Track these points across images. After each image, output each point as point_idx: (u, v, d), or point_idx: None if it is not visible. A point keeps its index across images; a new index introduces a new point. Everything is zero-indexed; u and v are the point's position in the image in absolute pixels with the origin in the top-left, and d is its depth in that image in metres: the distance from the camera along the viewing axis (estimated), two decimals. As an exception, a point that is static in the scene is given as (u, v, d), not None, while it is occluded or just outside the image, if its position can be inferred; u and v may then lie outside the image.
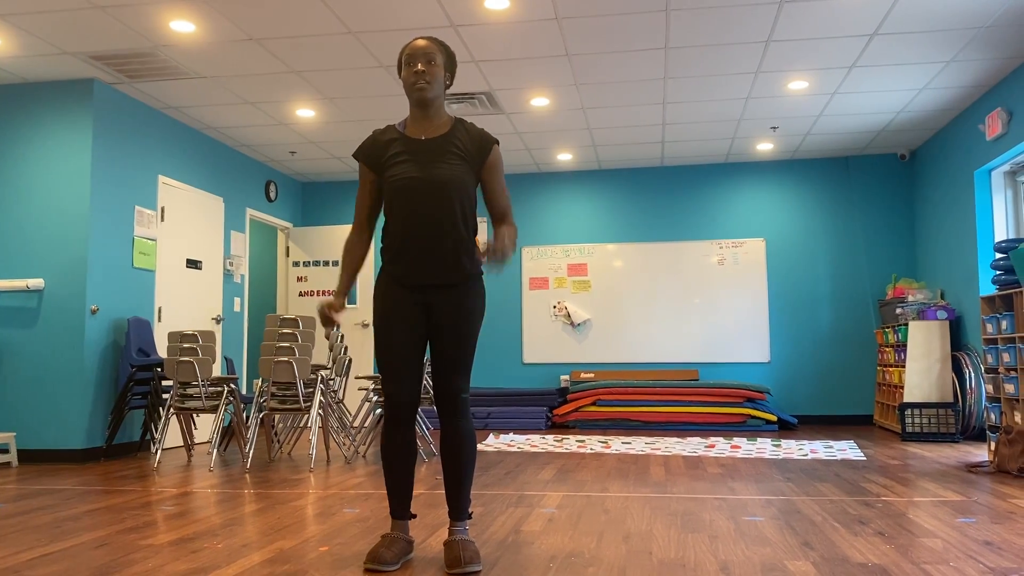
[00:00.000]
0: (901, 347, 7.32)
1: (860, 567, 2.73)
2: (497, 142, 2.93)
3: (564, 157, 8.44)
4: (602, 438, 7.04)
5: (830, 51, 5.66)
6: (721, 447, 6.26)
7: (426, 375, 3.70)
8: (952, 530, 3.30)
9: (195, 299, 7.27)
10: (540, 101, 6.66)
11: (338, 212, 9.39)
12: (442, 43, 2.92)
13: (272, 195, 8.73)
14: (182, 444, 6.67)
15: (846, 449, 6.06)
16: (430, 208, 2.78)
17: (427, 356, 6.08)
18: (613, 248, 8.88)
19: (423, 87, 2.83)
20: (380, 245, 2.64)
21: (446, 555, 2.77)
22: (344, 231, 8.96)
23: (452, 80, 2.97)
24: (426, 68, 2.83)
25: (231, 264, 7.80)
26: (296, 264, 9.06)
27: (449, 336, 2.83)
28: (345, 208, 9.37)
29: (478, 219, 2.44)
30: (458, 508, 2.86)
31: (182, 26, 5.15)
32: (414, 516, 2.95)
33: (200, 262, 7.35)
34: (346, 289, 2.94)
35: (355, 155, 2.97)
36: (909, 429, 6.74)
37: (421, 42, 2.86)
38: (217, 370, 7.30)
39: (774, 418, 7.70)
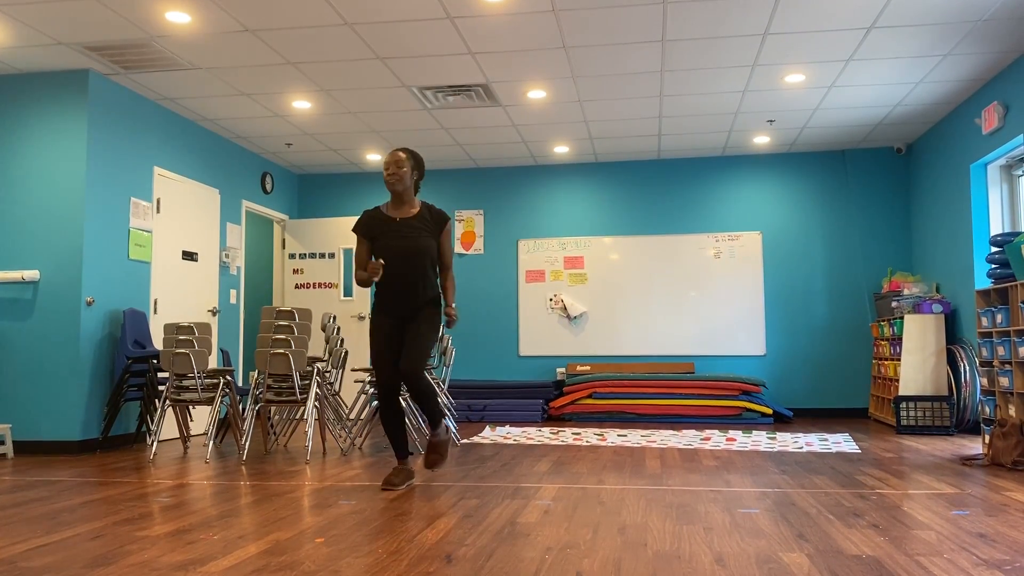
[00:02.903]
0: (896, 340, 7.33)
1: (854, 559, 2.74)
2: (449, 218, 4.31)
3: (561, 150, 8.43)
4: (598, 431, 7.05)
5: (827, 44, 5.65)
6: (716, 440, 6.28)
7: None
8: (946, 522, 3.32)
9: (191, 291, 7.26)
10: (537, 93, 6.65)
11: (334, 204, 9.37)
12: (412, 152, 4.27)
13: (268, 187, 8.71)
14: (178, 436, 6.68)
15: (841, 442, 6.08)
16: (408, 268, 4.19)
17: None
18: (609, 241, 8.88)
19: (394, 182, 4.23)
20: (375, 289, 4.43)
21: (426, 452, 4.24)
22: (340, 223, 8.96)
23: (421, 176, 4.32)
24: (396, 171, 4.22)
25: (227, 256, 7.79)
26: (292, 256, 9.04)
27: (411, 337, 4.20)
28: (341, 200, 9.36)
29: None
30: (433, 422, 4.22)
31: (177, 17, 5.13)
32: (412, 453, 4.30)
33: (196, 254, 7.34)
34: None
35: (354, 229, 4.32)
36: (904, 422, 6.77)
37: (396, 155, 4.22)
38: (213, 362, 7.30)
39: (769, 411, 7.72)
